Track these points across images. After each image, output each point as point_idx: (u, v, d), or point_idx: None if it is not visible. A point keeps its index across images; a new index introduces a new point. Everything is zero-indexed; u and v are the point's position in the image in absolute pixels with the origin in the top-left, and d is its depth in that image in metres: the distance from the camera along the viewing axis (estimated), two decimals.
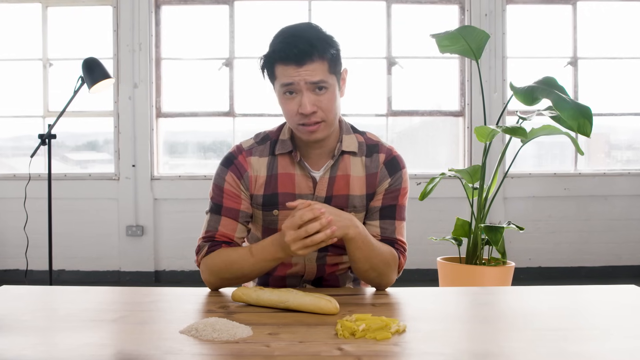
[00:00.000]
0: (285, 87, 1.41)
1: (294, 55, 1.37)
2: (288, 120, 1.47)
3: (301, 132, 1.45)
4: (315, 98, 1.40)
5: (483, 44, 3.09)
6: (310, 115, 1.41)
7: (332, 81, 1.42)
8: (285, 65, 1.39)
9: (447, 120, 4.95)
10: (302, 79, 1.38)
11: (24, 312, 1.27)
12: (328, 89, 1.41)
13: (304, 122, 1.43)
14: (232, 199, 1.51)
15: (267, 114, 4.83)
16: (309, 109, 1.39)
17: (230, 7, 4.82)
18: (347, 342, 1.05)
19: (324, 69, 1.40)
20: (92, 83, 3.25)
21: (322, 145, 1.51)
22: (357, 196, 1.53)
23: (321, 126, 1.43)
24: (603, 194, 4.81)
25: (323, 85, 1.40)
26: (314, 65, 1.38)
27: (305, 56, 1.37)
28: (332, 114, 1.44)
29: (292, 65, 1.38)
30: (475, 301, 1.44)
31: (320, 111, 1.42)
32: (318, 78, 1.39)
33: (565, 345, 1.04)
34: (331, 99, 1.42)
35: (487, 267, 3.08)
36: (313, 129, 1.43)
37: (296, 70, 1.38)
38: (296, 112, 1.42)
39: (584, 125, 2.73)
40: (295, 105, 1.41)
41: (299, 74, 1.38)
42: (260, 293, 1.30)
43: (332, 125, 1.47)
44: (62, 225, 4.49)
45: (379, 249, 1.44)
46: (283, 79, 1.41)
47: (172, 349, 1.02)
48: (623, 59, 4.96)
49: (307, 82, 1.39)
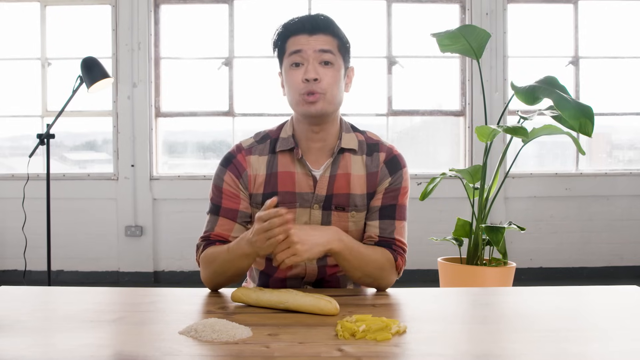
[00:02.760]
0: (294, 56, 1.45)
1: (309, 24, 1.45)
2: (292, 93, 1.47)
3: (301, 104, 1.46)
4: (320, 69, 1.44)
5: (484, 43, 3.08)
6: (312, 84, 1.43)
7: (339, 60, 1.47)
8: (296, 35, 1.46)
9: (447, 120, 4.95)
10: (311, 47, 1.44)
11: (22, 313, 1.26)
12: (334, 66, 1.46)
13: (307, 92, 1.43)
14: (230, 199, 1.51)
15: (266, 114, 4.82)
16: (312, 74, 1.43)
17: (229, 6, 4.81)
18: (347, 343, 1.05)
19: (334, 44, 1.46)
20: (91, 82, 3.25)
21: (322, 139, 1.51)
22: (358, 195, 1.52)
23: (321, 98, 1.44)
24: (605, 194, 4.80)
25: (329, 60, 1.45)
26: (325, 37, 1.46)
27: (317, 27, 1.45)
28: (333, 91, 1.46)
29: (303, 35, 1.45)
30: (476, 302, 1.43)
31: (323, 83, 1.44)
32: (327, 47, 1.44)
33: (566, 346, 1.04)
34: (335, 76, 1.46)
35: (488, 268, 3.07)
36: (313, 99, 1.44)
37: (307, 38, 1.44)
38: (300, 80, 1.44)
39: (585, 125, 2.73)
40: (300, 73, 1.44)
41: (309, 42, 1.44)
42: (260, 294, 1.29)
43: (332, 104, 1.47)
44: (61, 225, 4.48)
45: (369, 256, 1.44)
46: (292, 47, 1.46)
47: (171, 349, 1.02)
48: (625, 58, 4.96)
49: (316, 50, 1.44)
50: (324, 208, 1.51)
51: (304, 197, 1.51)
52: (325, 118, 1.49)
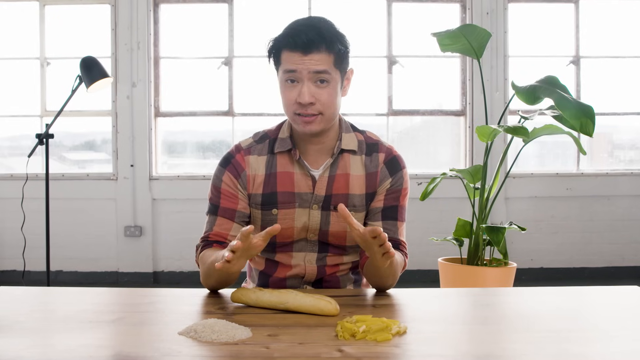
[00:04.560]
0: (288, 74, 1.42)
1: (302, 42, 1.38)
2: (285, 109, 1.47)
3: (297, 122, 1.45)
4: (315, 90, 1.41)
5: (484, 43, 3.08)
6: (307, 106, 1.41)
7: (335, 76, 1.43)
8: (291, 51, 1.40)
9: (448, 119, 4.94)
10: (306, 68, 1.39)
11: (21, 314, 1.26)
12: (330, 83, 1.42)
13: (300, 113, 1.42)
14: (229, 199, 1.51)
15: (266, 114, 4.82)
16: (307, 99, 1.40)
17: (229, 5, 4.81)
18: (347, 343, 1.05)
19: (329, 62, 1.41)
20: (90, 82, 3.24)
21: (321, 141, 1.51)
22: (357, 195, 1.52)
23: (317, 119, 1.43)
24: (606, 194, 4.80)
25: (325, 79, 1.41)
26: (319, 56, 1.40)
27: (312, 45, 1.38)
28: (331, 110, 1.44)
29: (298, 53, 1.40)
30: (476, 302, 1.43)
31: (319, 104, 1.42)
32: (322, 68, 1.40)
33: (567, 347, 1.04)
34: (332, 94, 1.43)
35: (489, 268, 3.07)
36: (309, 120, 1.42)
37: (301, 58, 1.40)
38: (294, 100, 1.42)
39: (586, 124, 2.73)
40: (295, 93, 1.42)
41: (303, 61, 1.39)
42: (259, 294, 1.29)
43: (330, 120, 1.47)
44: (60, 225, 4.47)
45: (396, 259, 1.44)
46: (287, 66, 1.41)
47: (170, 350, 1.01)
48: (626, 58, 4.96)
49: (310, 72, 1.39)
50: (323, 208, 1.51)
51: (302, 197, 1.51)
52: (322, 132, 1.48)
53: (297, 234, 1.52)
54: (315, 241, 1.53)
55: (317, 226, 1.51)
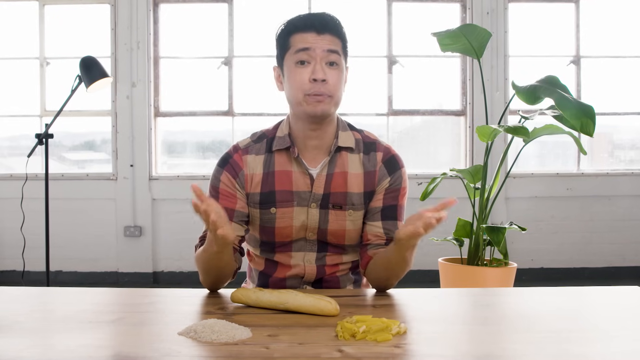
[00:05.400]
0: (300, 53, 1.43)
1: (318, 22, 1.44)
2: (294, 92, 1.45)
3: (308, 103, 1.44)
4: (327, 70, 1.43)
5: (485, 43, 3.08)
6: (320, 85, 1.42)
7: (343, 61, 1.47)
8: (304, 32, 1.45)
9: (448, 119, 4.94)
10: (320, 46, 1.43)
11: (20, 314, 1.26)
12: (339, 67, 1.46)
13: (314, 92, 1.42)
14: (227, 199, 1.51)
15: (266, 114, 4.82)
16: (321, 75, 1.42)
17: (229, 5, 4.81)
18: (347, 343, 1.04)
19: (339, 45, 1.46)
20: (90, 82, 3.24)
21: (319, 137, 1.50)
22: (355, 194, 1.51)
23: (326, 99, 1.44)
24: (606, 194, 4.80)
25: (335, 60, 1.44)
26: (332, 37, 1.44)
27: (326, 26, 1.44)
28: (338, 93, 1.46)
29: (312, 33, 1.44)
30: (477, 302, 1.43)
31: (330, 85, 1.43)
32: (335, 47, 1.44)
33: (568, 347, 1.04)
34: (340, 77, 1.46)
35: (489, 268, 3.07)
36: (320, 99, 1.43)
37: (315, 37, 1.43)
38: (307, 79, 1.43)
39: (586, 124, 2.72)
40: (308, 73, 1.43)
41: (317, 41, 1.43)
42: (259, 294, 1.29)
43: (336, 106, 1.48)
44: (60, 225, 4.47)
45: None
46: (300, 45, 1.44)
47: (170, 350, 1.01)
48: (626, 58, 4.96)
49: (325, 50, 1.43)
50: (321, 207, 1.51)
51: (301, 196, 1.50)
52: (326, 118, 1.48)
53: (296, 233, 1.52)
54: (314, 240, 1.53)
55: (315, 225, 1.51)
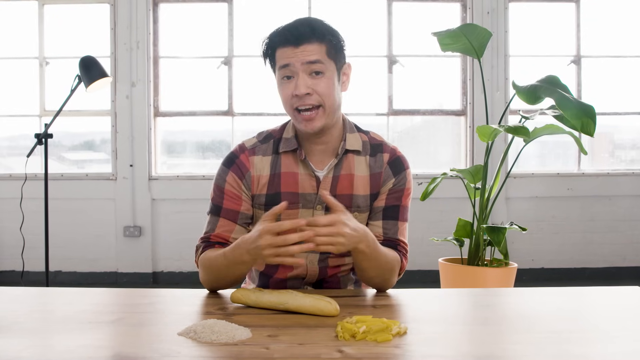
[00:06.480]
0: (283, 70, 1.42)
1: (292, 36, 1.40)
2: (285, 107, 1.46)
3: (298, 120, 1.44)
4: (311, 82, 1.40)
5: (485, 42, 3.08)
6: (304, 98, 1.40)
7: (329, 67, 1.42)
8: (284, 47, 1.41)
9: (448, 119, 4.94)
10: (298, 59, 1.39)
11: (20, 314, 1.26)
12: (325, 74, 1.41)
13: (298, 107, 1.41)
14: (232, 200, 1.49)
15: (266, 113, 4.81)
16: (303, 90, 1.39)
17: (229, 4, 4.80)
18: (347, 344, 1.04)
19: (322, 52, 1.41)
20: (89, 82, 3.24)
21: (325, 141, 1.49)
22: (361, 196, 1.51)
23: (319, 113, 1.42)
24: (607, 194, 4.79)
25: (319, 69, 1.40)
26: (311, 47, 1.40)
27: (302, 37, 1.39)
28: (330, 100, 1.42)
29: (290, 47, 1.40)
30: (477, 303, 1.43)
31: (316, 95, 1.41)
32: (314, 58, 1.39)
33: (568, 348, 1.03)
34: (329, 84, 1.42)
35: (490, 269, 3.06)
36: (310, 116, 1.41)
37: (293, 51, 1.40)
38: (291, 95, 1.41)
39: (587, 124, 2.72)
40: (291, 88, 1.41)
41: (295, 54, 1.40)
42: (259, 294, 1.28)
43: (332, 114, 1.45)
44: (59, 226, 4.47)
45: (385, 256, 1.42)
46: (281, 62, 1.42)
47: (170, 351, 1.01)
48: (627, 57, 4.95)
49: (303, 63, 1.39)
50: (327, 209, 1.49)
51: (306, 198, 1.50)
52: (325, 129, 1.47)
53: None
54: None
55: None
